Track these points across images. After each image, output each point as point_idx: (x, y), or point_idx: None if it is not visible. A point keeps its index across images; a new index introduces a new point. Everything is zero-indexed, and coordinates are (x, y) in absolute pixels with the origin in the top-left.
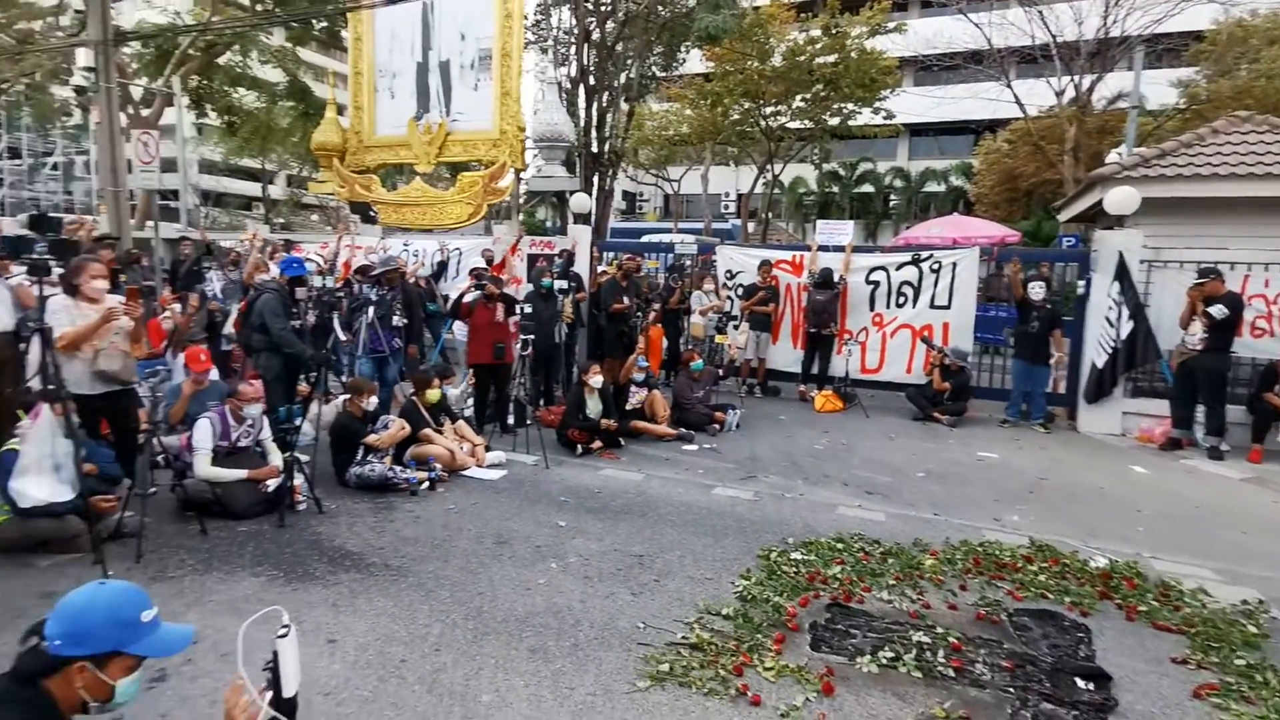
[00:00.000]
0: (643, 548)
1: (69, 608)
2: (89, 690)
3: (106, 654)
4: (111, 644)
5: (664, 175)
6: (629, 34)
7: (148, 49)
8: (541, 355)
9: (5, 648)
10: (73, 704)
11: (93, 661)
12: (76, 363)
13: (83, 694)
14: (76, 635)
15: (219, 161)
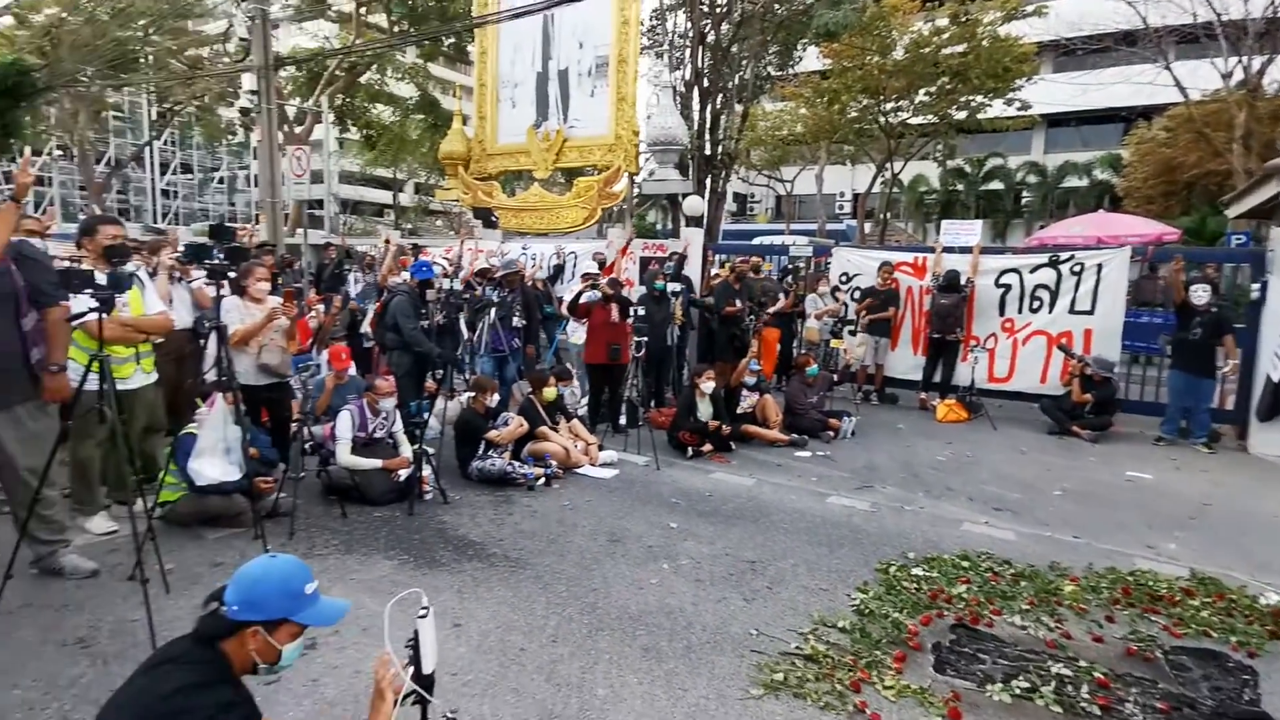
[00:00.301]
0: (755, 554)
1: (245, 577)
2: (259, 653)
3: (276, 621)
4: (280, 612)
5: (776, 176)
6: (744, 35)
7: (300, 72)
8: (653, 357)
9: (179, 610)
10: (245, 665)
11: (264, 627)
12: (244, 357)
13: (254, 656)
14: (251, 602)
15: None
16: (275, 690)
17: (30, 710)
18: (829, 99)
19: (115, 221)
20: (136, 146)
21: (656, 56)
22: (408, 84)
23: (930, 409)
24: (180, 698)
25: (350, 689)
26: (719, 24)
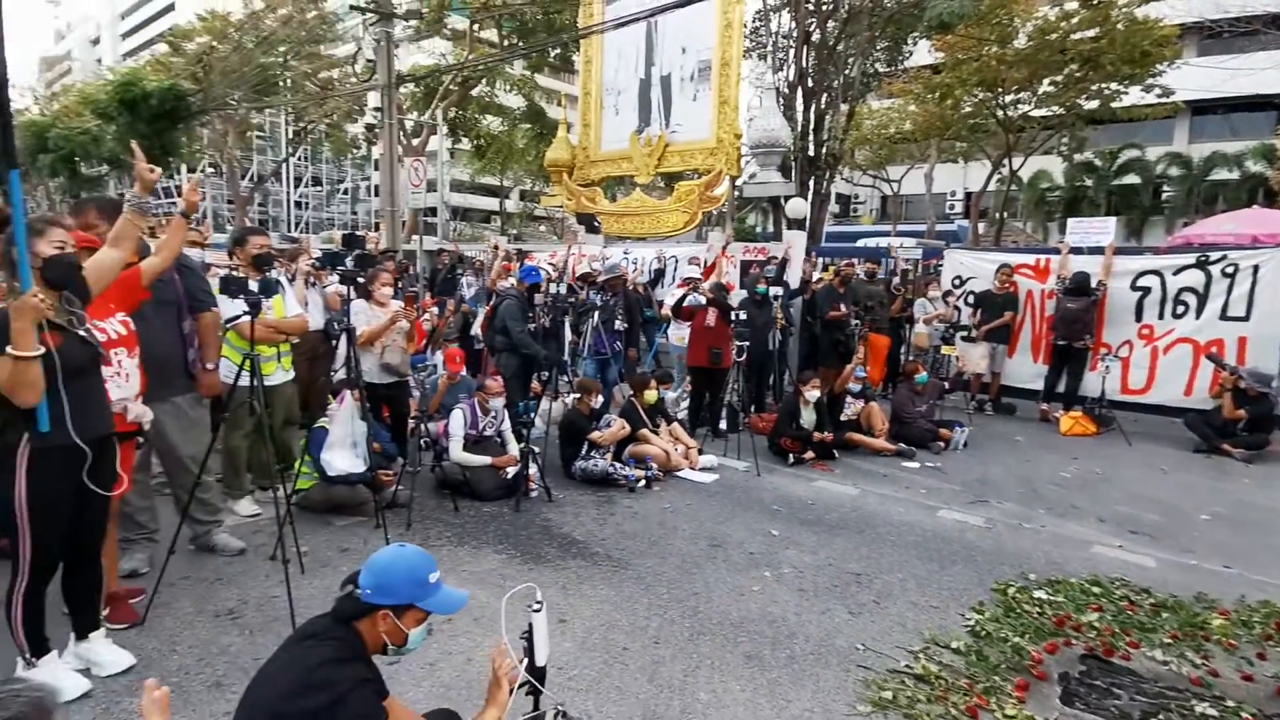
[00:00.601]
0: (860, 565)
1: (376, 564)
2: (389, 635)
3: (404, 606)
4: (408, 598)
5: (882, 176)
6: (851, 31)
7: (418, 88)
8: (755, 361)
9: (313, 589)
10: (376, 645)
11: (394, 611)
12: (367, 357)
13: (384, 637)
14: (382, 587)
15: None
16: (396, 671)
17: (187, 675)
18: (941, 94)
19: (262, 232)
20: (275, 162)
21: (759, 58)
22: (516, 95)
23: (1053, 421)
24: (325, 670)
25: (464, 674)
26: (825, 22)
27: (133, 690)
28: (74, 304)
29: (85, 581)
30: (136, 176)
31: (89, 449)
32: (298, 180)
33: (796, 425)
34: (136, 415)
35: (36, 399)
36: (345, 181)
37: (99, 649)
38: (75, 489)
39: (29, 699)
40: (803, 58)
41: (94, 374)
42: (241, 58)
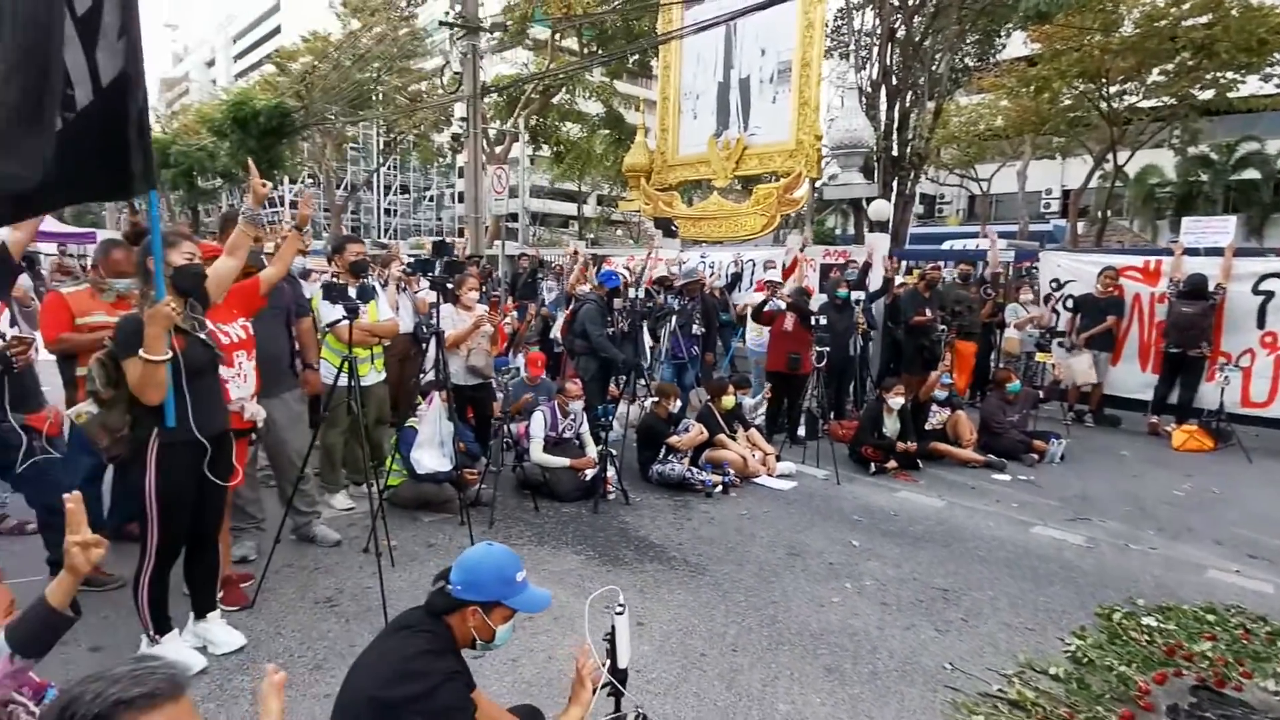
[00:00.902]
0: (947, 581)
1: (467, 561)
2: (478, 630)
3: (492, 603)
4: (495, 595)
5: (970, 175)
6: (938, 26)
7: (501, 98)
8: (835, 367)
9: (402, 582)
10: (465, 639)
11: (482, 608)
12: (453, 359)
13: (473, 633)
14: (471, 584)
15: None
16: (480, 665)
17: (291, 657)
18: (1037, 87)
19: (359, 240)
20: (368, 172)
21: (841, 58)
22: (595, 101)
23: (1164, 435)
24: (419, 661)
25: (544, 672)
26: (910, 18)
27: (244, 668)
28: (197, 310)
29: (204, 566)
30: (250, 190)
31: (209, 444)
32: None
33: (879, 434)
34: (252, 413)
35: (161, 398)
36: (431, 189)
37: (214, 629)
38: (197, 481)
39: (164, 675)
40: (887, 55)
41: (213, 374)
42: (339, 75)
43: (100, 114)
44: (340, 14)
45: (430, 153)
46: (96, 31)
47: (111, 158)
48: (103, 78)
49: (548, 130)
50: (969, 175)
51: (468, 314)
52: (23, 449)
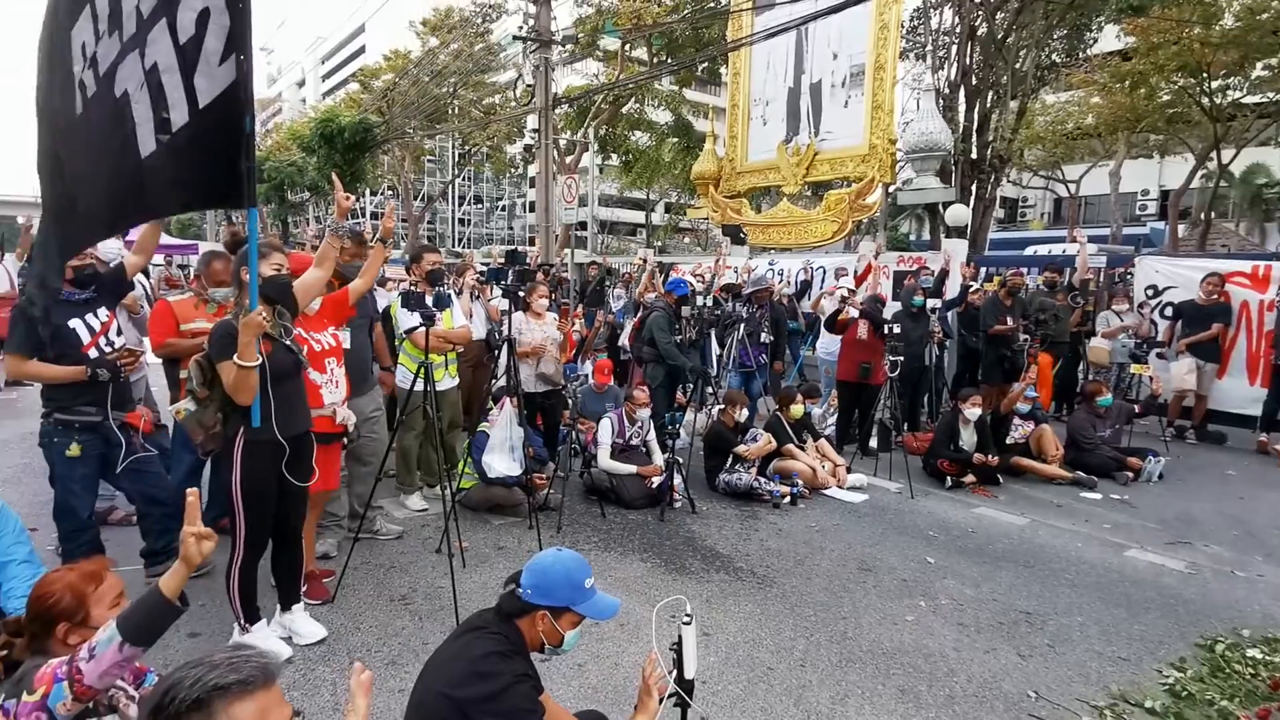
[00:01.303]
0: (1030, 604)
1: (537, 565)
2: (546, 635)
3: (561, 608)
4: (564, 601)
5: (1055, 176)
6: (1023, 22)
7: (572, 108)
8: (909, 377)
9: (473, 583)
10: (534, 643)
11: (551, 613)
12: (524, 366)
13: (542, 637)
14: (541, 588)
15: (612, 194)
16: (546, 669)
17: (368, 652)
18: (1133, 83)
19: (435, 250)
20: (443, 183)
21: (917, 59)
22: (664, 110)
23: (1273, 453)
24: (490, 662)
25: (610, 678)
26: (993, 14)
27: (325, 660)
28: (284, 317)
29: (288, 560)
30: (336, 204)
31: (288, 445)
32: (461, 199)
33: (955, 446)
34: (343, 418)
35: (251, 400)
36: (504, 199)
37: (298, 620)
38: (277, 478)
39: (257, 664)
40: (966, 54)
41: (296, 378)
42: (418, 90)
43: (196, 134)
44: (420, 32)
45: (503, 164)
46: (197, 57)
47: (209, 171)
48: (200, 99)
49: (617, 139)
50: (1055, 177)
51: (538, 321)
52: (123, 448)
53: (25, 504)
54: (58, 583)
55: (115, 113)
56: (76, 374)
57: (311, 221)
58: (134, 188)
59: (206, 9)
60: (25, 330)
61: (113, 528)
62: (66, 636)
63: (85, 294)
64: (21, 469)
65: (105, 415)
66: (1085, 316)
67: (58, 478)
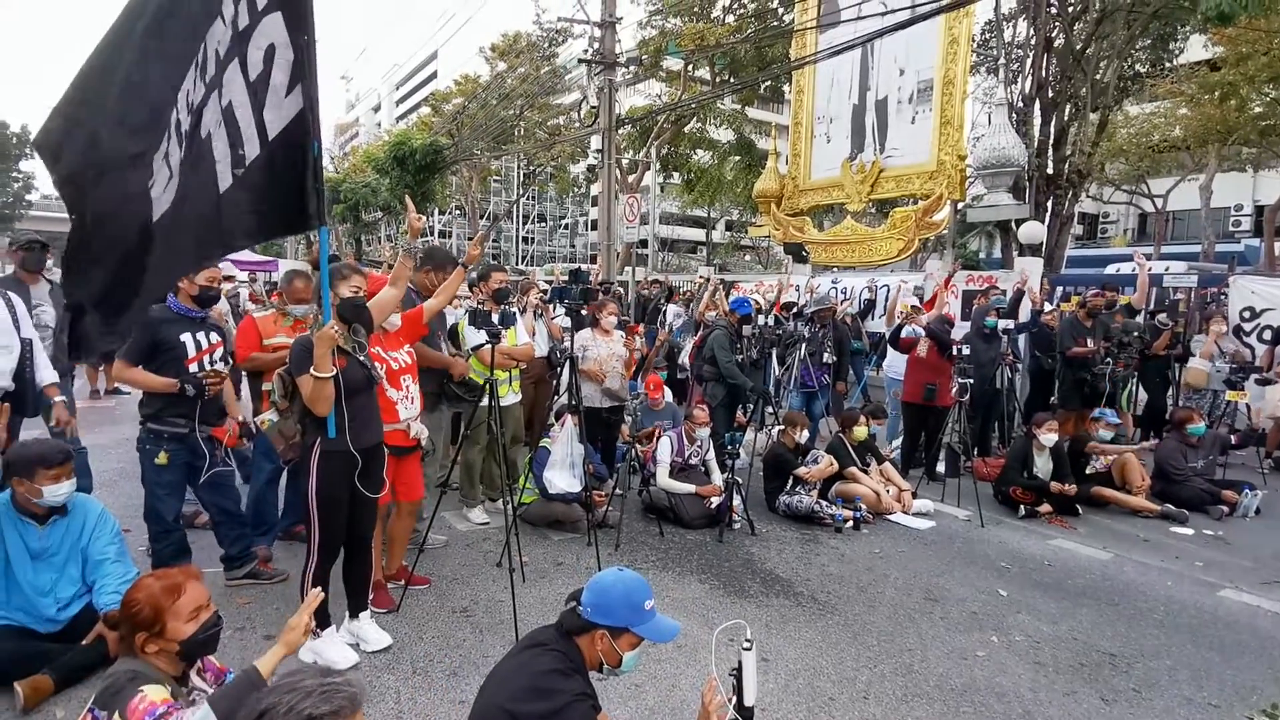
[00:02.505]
0: (1113, 645)
1: (598, 584)
2: (605, 655)
3: (620, 629)
4: (623, 621)
5: (1140, 191)
6: (1104, 33)
7: (634, 128)
8: (979, 400)
9: (532, 598)
10: (593, 662)
11: (610, 633)
12: (589, 382)
13: (601, 656)
14: (601, 607)
15: (673, 212)
16: (604, 689)
17: (430, 661)
18: (1222, 94)
19: (502, 269)
20: (509, 202)
21: (988, 73)
22: (726, 129)
23: None
24: (550, 678)
25: (667, 700)
26: (1071, 25)
27: (390, 667)
28: (359, 334)
29: (358, 568)
30: (409, 225)
31: (360, 456)
32: (525, 217)
33: (1029, 473)
34: (417, 432)
35: (328, 410)
36: (566, 217)
37: (366, 628)
38: (350, 489)
39: (346, 694)
40: (1042, 67)
41: (369, 393)
42: (486, 113)
43: (267, 165)
44: (489, 58)
45: (567, 183)
46: (265, 92)
47: (281, 198)
48: (269, 132)
49: (679, 158)
50: (1140, 191)
51: (605, 338)
52: (208, 460)
53: (120, 506)
54: (141, 593)
55: (202, 153)
56: (169, 385)
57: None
58: (213, 223)
59: (273, 45)
60: (138, 338)
61: (198, 530)
62: (144, 645)
63: (202, 312)
64: (117, 473)
65: (193, 428)
66: (1175, 339)
67: (147, 482)
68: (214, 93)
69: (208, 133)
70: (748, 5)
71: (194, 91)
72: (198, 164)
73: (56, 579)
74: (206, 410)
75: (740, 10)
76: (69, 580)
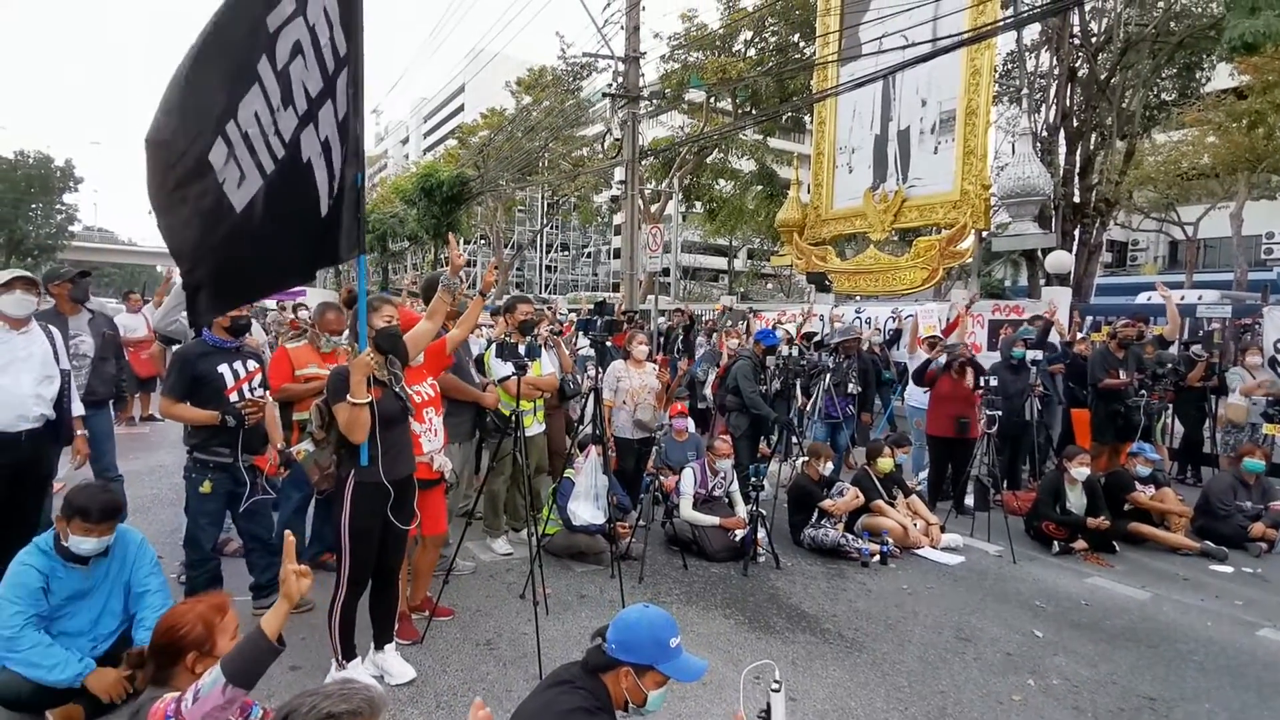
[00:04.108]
0: (1154, 688)
1: (623, 621)
2: (630, 694)
3: (645, 666)
4: (649, 659)
5: (1170, 218)
6: (1128, 63)
7: (657, 159)
8: (1008, 432)
9: (555, 631)
10: (619, 701)
11: (635, 670)
12: (621, 412)
13: (626, 695)
14: (626, 644)
15: (695, 241)
16: None
17: (454, 695)
18: (1250, 122)
19: (528, 300)
20: (533, 232)
21: (1011, 103)
22: (748, 159)
23: None
24: (575, 716)
25: None
26: (1095, 55)
27: (414, 700)
28: (394, 365)
29: (384, 600)
30: (450, 261)
31: (393, 488)
32: (549, 246)
33: (1061, 508)
34: (440, 465)
35: (364, 437)
36: (589, 246)
37: (390, 660)
38: (382, 520)
39: (364, 696)
40: (1066, 96)
41: (402, 424)
42: (511, 145)
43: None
44: (515, 92)
45: (590, 213)
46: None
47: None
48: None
49: (701, 188)
50: (1169, 219)
51: (638, 370)
52: (248, 488)
53: (154, 532)
54: (189, 613)
55: (303, 176)
56: (210, 418)
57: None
58: (320, 241)
59: (350, 91)
60: (178, 375)
61: (228, 559)
62: (194, 665)
63: (236, 342)
64: (152, 499)
65: (236, 457)
66: (1209, 370)
67: (190, 510)
68: (309, 125)
69: (308, 159)
70: (769, 39)
71: (271, 114)
72: (302, 186)
73: (97, 616)
74: (250, 438)
75: (761, 44)
76: (110, 614)
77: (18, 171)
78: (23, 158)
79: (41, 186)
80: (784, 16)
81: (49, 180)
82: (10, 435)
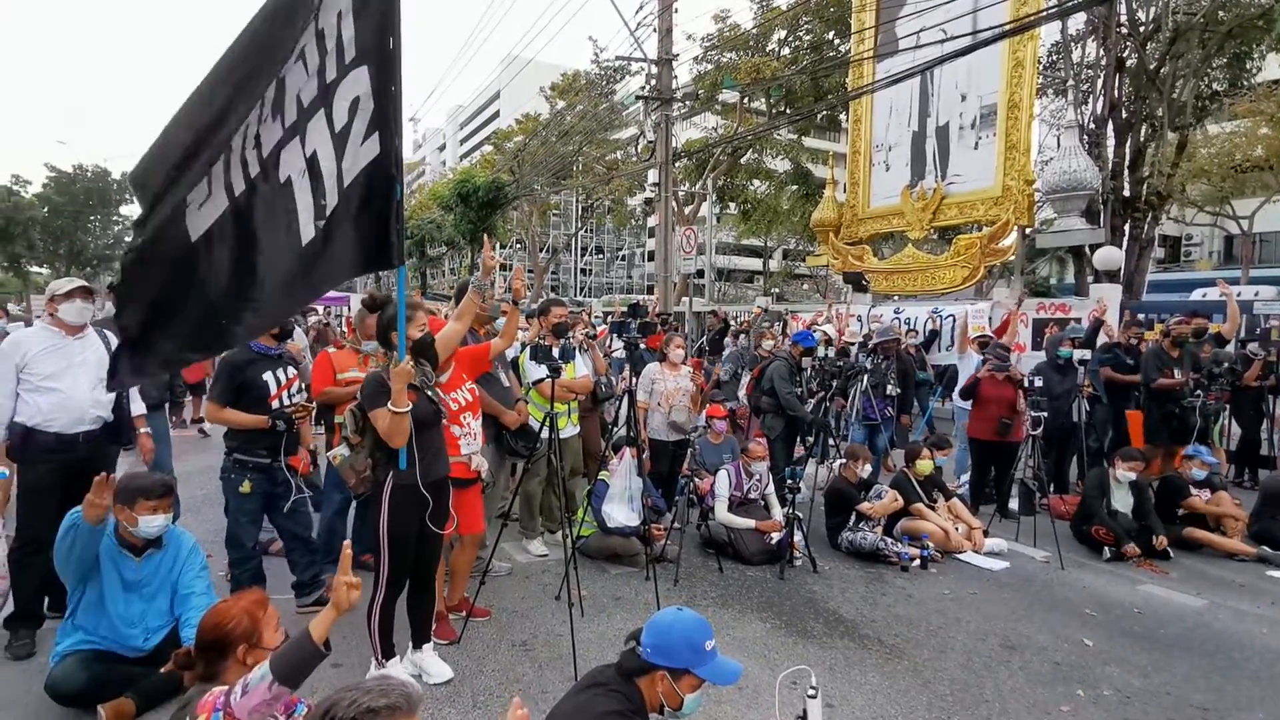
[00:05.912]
0: (1209, 698)
1: (657, 624)
2: (665, 697)
3: (680, 670)
4: (684, 663)
5: (1224, 212)
6: (1178, 52)
7: (691, 161)
8: (1054, 434)
9: (590, 633)
10: (654, 704)
11: (670, 674)
12: (656, 414)
13: (661, 698)
14: (660, 648)
15: (729, 242)
16: None
17: (490, 695)
18: None
19: (562, 303)
20: (567, 236)
21: (1055, 95)
22: (782, 159)
23: None
24: (609, 719)
25: None
26: (1143, 44)
27: (451, 700)
28: (426, 369)
29: (422, 600)
30: (483, 263)
31: (428, 491)
32: (584, 250)
33: (1111, 512)
34: (477, 465)
35: (404, 443)
36: (624, 249)
37: (428, 660)
38: (419, 522)
39: (402, 691)
40: (1114, 87)
41: (436, 427)
42: (546, 150)
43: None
44: (549, 97)
45: (624, 216)
46: (346, 141)
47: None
48: (345, 180)
49: (735, 189)
50: (1224, 213)
51: (673, 372)
52: (288, 489)
53: (203, 531)
54: (234, 609)
55: (281, 196)
56: (260, 422)
57: (446, 274)
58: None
59: (358, 98)
60: (226, 382)
61: (271, 558)
62: (245, 657)
63: (279, 349)
64: (201, 499)
65: (275, 458)
66: (1267, 369)
67: (230, 510)
68: (294, 139)
69: (288, 177)
70: (803, 38)
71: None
72: (279, 206)
73: (146, 610)
74: (289, 441)
75: (796, 43)
76: (157, 612)
77: (76, 184)
78: (81, 171)
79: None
80: (818, 14)
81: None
82: (68, 437)
